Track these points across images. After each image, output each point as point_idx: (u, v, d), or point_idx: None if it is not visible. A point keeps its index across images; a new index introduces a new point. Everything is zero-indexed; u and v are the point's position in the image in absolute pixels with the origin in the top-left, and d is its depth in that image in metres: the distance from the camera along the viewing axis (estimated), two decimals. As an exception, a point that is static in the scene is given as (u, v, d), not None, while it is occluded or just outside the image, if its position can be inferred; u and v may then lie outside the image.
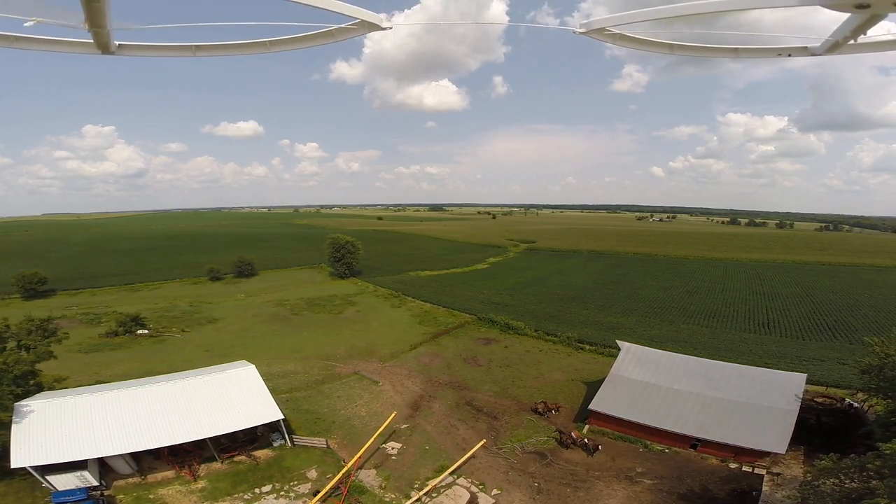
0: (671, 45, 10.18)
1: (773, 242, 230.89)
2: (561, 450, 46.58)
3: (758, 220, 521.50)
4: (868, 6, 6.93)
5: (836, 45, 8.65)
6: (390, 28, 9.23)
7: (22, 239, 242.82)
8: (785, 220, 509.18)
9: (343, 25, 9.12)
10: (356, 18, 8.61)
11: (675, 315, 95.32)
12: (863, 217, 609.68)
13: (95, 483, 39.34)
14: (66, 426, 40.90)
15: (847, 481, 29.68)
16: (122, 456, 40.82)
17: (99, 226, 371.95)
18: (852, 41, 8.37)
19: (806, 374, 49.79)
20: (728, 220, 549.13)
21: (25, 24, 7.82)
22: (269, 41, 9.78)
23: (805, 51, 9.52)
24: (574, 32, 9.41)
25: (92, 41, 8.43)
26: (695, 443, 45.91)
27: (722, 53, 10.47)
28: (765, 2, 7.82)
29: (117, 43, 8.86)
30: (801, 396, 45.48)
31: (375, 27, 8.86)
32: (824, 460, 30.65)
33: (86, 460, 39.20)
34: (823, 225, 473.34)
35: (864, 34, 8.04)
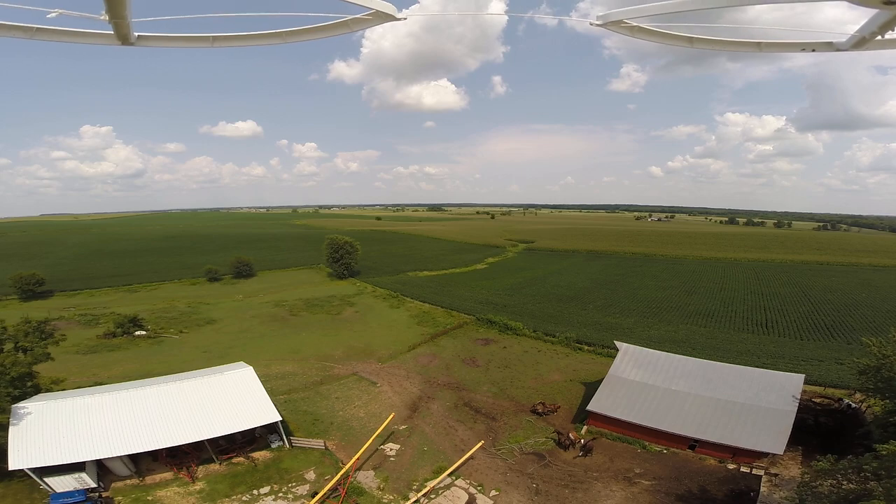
0: (691, 39, 10.04)
1: (771, 242, 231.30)
2: (559, 451, 46.58)
3: (756, 220, 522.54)
4: None
5: (862, 41, 8.53)
6: (404, 19, 9.28)
7: (19, 240, 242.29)
8: (783, 220, 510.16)
9: (358, 16, 9.20)
10: (371, 9, 8.68)
11: (673, 315, 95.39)
12: (860, 216, 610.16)
13: (93, 484, 39.37)
14: (64, 428, 40.84)
15: (844, 482, 29.75)
16: (119, 457, 40.71)
17: (97, 226, 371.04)
18: (880, 37, 8.24)
19: (804, 375, 49.83)
20: (726, 219, 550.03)
21: (48, 16, 7.96)
22: (285, 32, 9.85)
23: (830, 46, 9.37)
24: (591, 24, 9.37)
25: (112, 32, 8.51)
26: (693, 443, 45.93)
27: (745, 47, 10.29)
28: None
29: (136, 34, 8.96)
30: (798, 397, 45.54)
31: (390, 18, 8.91)
32: (822, 461, 30.69)
33: (84, 462, 39.11)
34: (821, 224, 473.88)
35: (893, 30, 7.92)
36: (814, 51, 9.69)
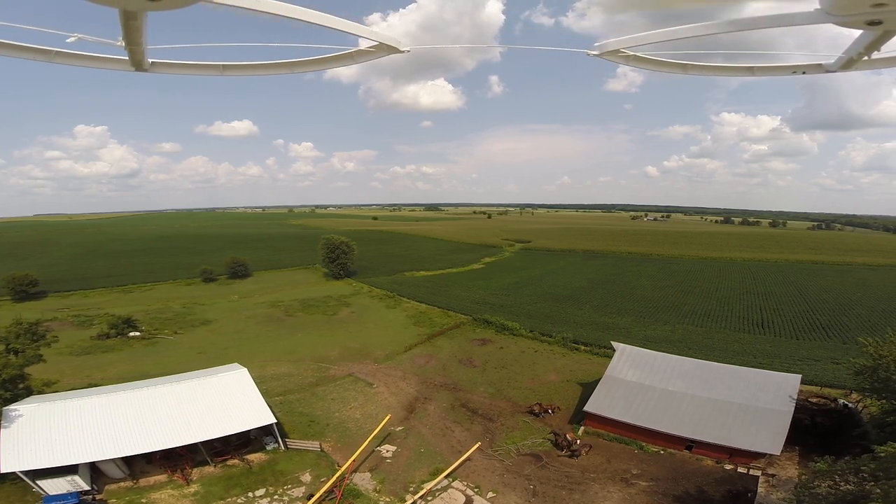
0: (685, 66, 10.20)
1: (766, 241, 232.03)
2: (556, 452, 46.43)
3: (751, 219, 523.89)
4: (880, 22, 6.77)
5: (850, 62, 8.56)
6: (408, 51, 9.42)
7: (13, 240, 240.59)
8: (778, 219, 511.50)
9: (362, 48, 9.45)
10: (375, 41, 8.92)
11: (670, 315, 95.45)
12: (854, 216, 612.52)
13: (87, 487, 39.07)
14: (57, 430, 40.53)
15: (842, 483, 29.70)
16: (113, 460, 40.38)
17: (92, 226, 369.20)
18: (866, 57, 8.25)
19: (800, 375, 49.84)
20: (722, 219, 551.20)
21: (68, 41, 8.16)
22: (292, 62, 10.06)
23: (819, 68, 9.48)
24: (588, 55, 9.51)
25: (127, 59, 8.73)
26: (690, 444, 45.89)
27: (737, 72, 10.51)
28: (776, 21, 7.78)
29: (150, 61, 9.16)
30: (795, 397, 45.52)
31: (394, 50, 9.12)
32: (819, 462, 30.64)
33: (77, 464, 38.76)
34: (816, 224, 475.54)
35: (878, 50, 7.91)
36: (804, 73, 9.74)
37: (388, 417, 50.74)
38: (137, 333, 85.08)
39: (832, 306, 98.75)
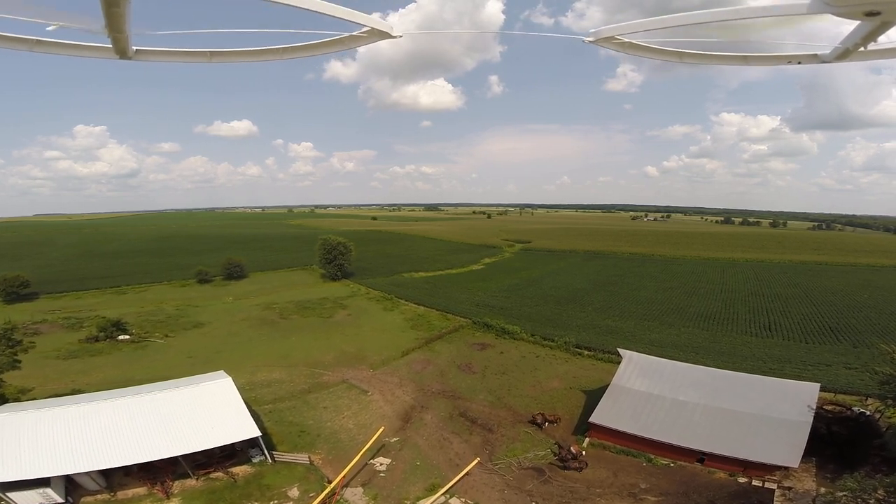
0: (680, 54, 10.14)
1: (767, 242, 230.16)
2: (559, 465, 44.06)
3: (751, 220, 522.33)
4: (878, 13, 6.83)
5: (846, 53, 8.59)
6: (400, 36, 9.36)
7: (10, 240, 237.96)
8: (778, 220, 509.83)
9: (353, 33, 9.35)
10: (367, 27, 8.90)
11: (674, 318, 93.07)
12: (854, 216, 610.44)
13: (60, 500, 37.27)
14: (29, 441, 38.63)
15: (871, 501, 27.61)
16: (88, 472, 38.23)
17: (90, 226, 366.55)
18: (863, 48, 8.24)
19: (818, 384, 47.39)
20: (722, 219, 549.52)
21: (48, 29, 8.08)
22: (282, 48, 10.09)
23: (815, 58, 9.51)
24: (584, 41, 9.52)
25: (111, 46, 8.62)
26: (701, 457, 43.55)
27: (732, 61, 10.61)
28: (773, 10, 7.87)
29: (135, 48, 9.08)
30: (814, 407, 43.21)
31: (386, 35, 9.11)
32: (849, 481, 28.42)
33: (49, 477, 36.72)
34: (816, 224, 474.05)
35: (875, 41, 7.91)
36: (800, 63, 9.78)
37: (381, 429, 48.24)
38: (127, 336, 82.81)
39: (839, 308, 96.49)
